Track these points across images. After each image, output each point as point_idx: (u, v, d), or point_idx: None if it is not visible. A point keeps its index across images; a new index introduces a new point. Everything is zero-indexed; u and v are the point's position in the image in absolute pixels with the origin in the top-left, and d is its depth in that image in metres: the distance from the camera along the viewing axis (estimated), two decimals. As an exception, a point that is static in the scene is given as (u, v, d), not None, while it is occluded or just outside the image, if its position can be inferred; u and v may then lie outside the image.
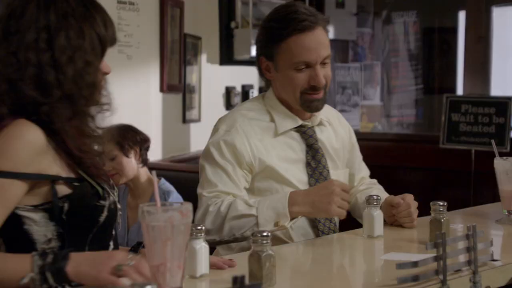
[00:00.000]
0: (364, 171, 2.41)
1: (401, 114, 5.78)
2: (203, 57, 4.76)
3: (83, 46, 1.62)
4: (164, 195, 3.31)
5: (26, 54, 1.58)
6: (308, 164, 2.14)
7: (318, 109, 2.14)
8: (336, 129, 2.27)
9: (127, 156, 3.29)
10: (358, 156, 2.39)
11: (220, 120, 2.16)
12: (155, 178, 1.41)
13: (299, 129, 2.16)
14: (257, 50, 2.18)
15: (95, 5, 1.69)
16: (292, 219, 1.95)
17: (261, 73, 2.20)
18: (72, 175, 1.61)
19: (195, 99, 4.68)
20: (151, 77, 4.20)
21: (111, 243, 1.69)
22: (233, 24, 4.79)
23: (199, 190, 2.09)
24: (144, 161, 3.39)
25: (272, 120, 2.15)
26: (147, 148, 3.43)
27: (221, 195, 2.03)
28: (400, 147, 4.82)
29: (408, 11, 5.67)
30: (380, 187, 2.37)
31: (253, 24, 4.73)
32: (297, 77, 2.08)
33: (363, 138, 5.21)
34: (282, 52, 2.09)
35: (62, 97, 1.59)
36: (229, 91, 4.88)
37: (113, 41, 1.71)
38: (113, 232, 1.70)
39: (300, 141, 2.15)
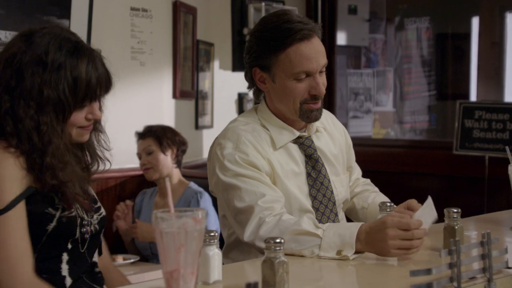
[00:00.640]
0: (357, 171, 2.40)
1: (414, 121, 5.75)
2: (216, 64, 4.77)
3: (40, 105, 1.67)
4: (197, 195, 3.41)
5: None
6: (308, 175, 2.12)
7: (317, 119, 2.12)
8: (332, 134, 2.26)
9: (164, 153, 3.44)
10: (353, 156, 2.38)
11: (222, 138, 2.08)
12: (168, 185, 1.41)
13: (297, 141, 2.14)
14: (250, 61, 2.11)
15: (77, 60, 1.70)
16: (358, 252, 1.82)
17: (253, 85, 2.15)
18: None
19: (208, 105, 4.69)
20: (164, 83, 4.21)
21: (65, 255, 1.73)
22: (245, 31, 4.79)
23: (240, 204, 1.97)
24: (178, 163, 3.53)
25: (268, 134, 2.11)
26: (183, 151, 3.56)
27: (274, 205, 1.94)
28: (413, 154, 4.79)
29: (421, 17, 5.65)
30: (376, 189, 2.37)
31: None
32: (297, 87, 2.05)
33: (375, 145, 5.21)
34: (280, 63, 2.04)
35: (18, 146, 1.67)
36: (241, 97, 4.88)
37: (91, 97, 1.73)
38: (69, 246, 1.73)
39: (299, 152, 2.13)
